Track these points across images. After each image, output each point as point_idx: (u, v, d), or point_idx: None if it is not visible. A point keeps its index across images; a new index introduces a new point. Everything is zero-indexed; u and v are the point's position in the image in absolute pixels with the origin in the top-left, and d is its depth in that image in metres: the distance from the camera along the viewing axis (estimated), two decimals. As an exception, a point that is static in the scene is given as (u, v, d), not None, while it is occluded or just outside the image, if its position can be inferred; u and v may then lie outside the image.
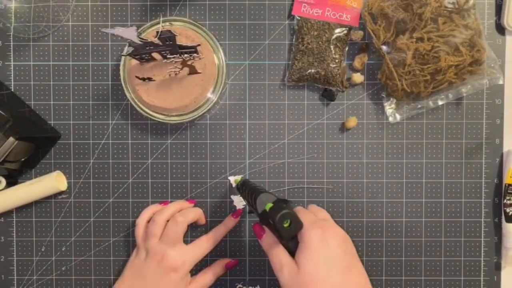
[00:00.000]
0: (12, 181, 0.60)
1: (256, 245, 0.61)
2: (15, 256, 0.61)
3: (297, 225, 0.44)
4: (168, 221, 0.55)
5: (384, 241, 0.61)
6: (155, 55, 0.54)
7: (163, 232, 0.55)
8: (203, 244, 0.56)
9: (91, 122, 0.61)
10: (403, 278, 0.61)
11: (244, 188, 0.53)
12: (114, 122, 0.61)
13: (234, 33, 0.60)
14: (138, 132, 0.61)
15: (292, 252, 0.45)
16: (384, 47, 0.57)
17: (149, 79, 0.54)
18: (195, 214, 0.57)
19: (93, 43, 0.60)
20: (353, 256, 0.46)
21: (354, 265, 0.45)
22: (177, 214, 0.55)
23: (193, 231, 0.61)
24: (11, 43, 0.60)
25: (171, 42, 0.50)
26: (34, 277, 0.61)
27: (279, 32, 0.60)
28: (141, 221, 0.57)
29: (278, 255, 0.45)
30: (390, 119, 0.60)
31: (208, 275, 0.57)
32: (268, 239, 0.47)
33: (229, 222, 0.58)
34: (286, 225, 0.43)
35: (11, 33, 0.60)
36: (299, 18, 0.59)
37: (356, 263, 0.46)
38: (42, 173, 0.61)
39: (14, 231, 0.61)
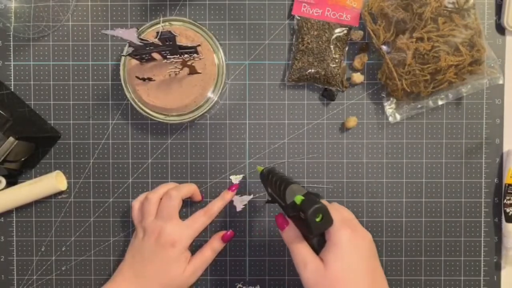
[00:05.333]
0: (12, 181, 0.60)
1: (257, 245, 0.61)
2: (15, 256, 0.61)
3: (328, 221, 0.43)
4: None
5: (384, 241, 0.61)
6: (155, 55, 0.54)
7: (158, 209, 0.54)
8: (200, 218, 0.55)
9: (91, 122, 0.61)
10: (403, 278, 0.61)
11: (271, 177, 0.51)
12: (114, 122, 0.61)
13: (234, 33, 0.60)
14: (138, 132, 0.61)
15: (315, 249, 0.45)
16: (384, 47, 0.57)
17: (149, 79, 0.54)
18: (189, 189, 0.56)
19: (93, 43, 0.60)
20: (377, 258, 0.46)
21: (378, 268, 0.46)
22: (171, 189, 0.55)
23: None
24: (11, 43, 0.60)
25: (171, 42, 0.50)
26: (34, 277, 0.61)
27: (279, 32, 0.60)
28: (136, 202, 0.56)
29: (302, 251, 0.44)
30: (390, 119, 0.60)
31: (207, 251, 0.56)
32: (290, 232, 0.46)
33: (226, 195, 0.58)
34: (318, 219, 0.42)
35: (11, 33, 0.60)
36: (299, 18, 0.59)
37: (379, 265, 0.46)
38: (42, 173, 0.61)
39: (14, 231, 0.61)
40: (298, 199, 0.44)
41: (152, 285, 0.52)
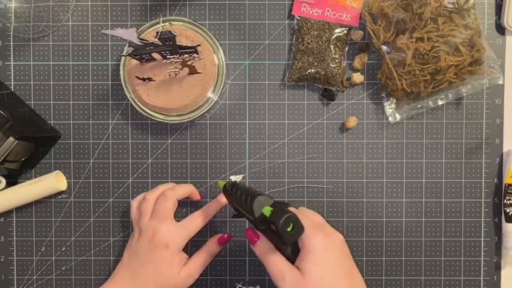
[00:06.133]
0: (12, 181, 0.60)
1: (256, 245, 0.61)
2: (15, 256, 0.61)
3: (299, 229, 0.42)
4: None
5: (384, 241, 0.61)
6: (155, 55, 0.54)
7: (153, 209, 0.54)
8: (195, 220, 0.54)
9: (91, 122, 0.61)
10: (403, 278, 0.61)
11: (235, 191, 0.49)
12: (114, 122, 0.61)
13: (234, 33, 0.60)
14: (138, 132, 0.61)
15: (289, 259, 0.44)
16: (384, 47, 0.57)
17: (149, 79, 0.54)
18: (185, 189, 0.56)
19: (93, 43, 0.60)
20: (351, 259, 0.46)
21: (354, 267, 0.46)
22: (167, 190, 0.55)
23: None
24: (11, 43, 0.60)
25: (171, 42, 0.50)
26: (34, 277, 0.61)
27: (279, 32, 0.60)
28: (134, 202, 0.56)
29: (277, 263, 0.44)
30: (390, 119, 0.60)
31: (202, 254, 0.55)
32: (263, 245, 0.46)
33: (222, 199, 0.57)
34: (289, 229, 0.41)
35: (11, 33, 0.60)
36: (299, 18, 0.59)
37: (354, 265, 0.46)
38: (42, 173, 0.61)
39: (14, 231, 0.61)
40: (267, 211, 0.42)
41: (148, 286, 0.52)
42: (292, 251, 0.44)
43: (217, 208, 0.57)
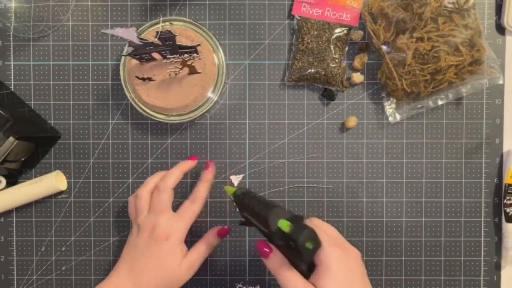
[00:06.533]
0: (12, 180, 0.60)
1: (256, 245, 0.61)
2: (15, 255, 0.61)
3: (317, 245, 0.41)
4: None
5: (384, 241, 0.61)
6: (155, 55, 0.54)
7: (150, 204, 0.54)
8: (189, 208, 0.54)
9: (91, 122, 0.61)
10: (403, 278, 0.61)
11: (247, 201, 0.47)
12: (114, 122, 0.61)
13: (234, 32, 0.60)
14: (138, 132, 0.61)
15: (303, 273, 0.43)
16: (384, 47, 0.57)
17: (149, 79, 0.54)
18: (176, 175, 0.54)
19: (93, 43, 0.60)
20: (366, 276, 0.45)
21: (368, 285, 0.45)
22: (159, 183, 0.54)
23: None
24: (11, 43, 0.60)
25: (171, 42, 0.50)
26: (34, 277, 0.61)
27: (279, 31, 0.60)
28: (132, 198, 0.55)
29: (293, 279, 0.42)
30: (390, 119, 0.60)
31: (202, 246, 0.54)
32: (276, 260, 0.44)
33: (206, 175, 0.56)
34: (308, 246, 0.40)
35: (11, 33, 0.60)
36: (299, 18, 0.59)
37: (368, 283, 0.45)
38: (42, 173, 0.61)
39: (14, 231, 0.61)
40: (285, 226, 0.41)
41: (148, 279, 0.51)
42: (307, 266, 0.42)
43: (207, 188, 0.55)
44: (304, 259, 0.41)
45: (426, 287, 0.61)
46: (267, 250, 0.45)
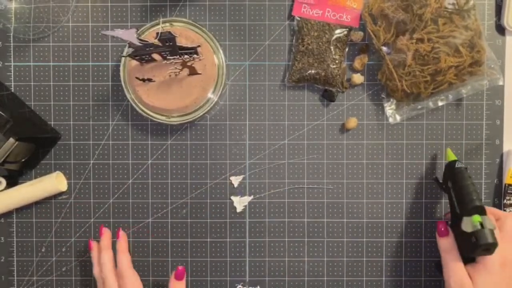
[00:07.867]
0: (12, 181, 0.60)
1: (257, 245, 0.61)
2: (15, 256, 0.61)
3: (491, 252, 0.47)
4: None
5: (384, 242, 0.61)
6: (155, 56, 0.54)
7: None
8: (122, 284, 0.55)
9: (91, 122, 0.61)
10: (403, 279, 0.61)
11: (460, 177, 0.52)
12: (114, 122, 0.61)
13: (234, 33, 0.60)
14: (138, 132, 0.61)
15: (463, 257, 0.49)
16: (384, 48, 0.57)
17: (149, 80, 0.54)
18: (109, 255, 0.56)
19: (93, 44, 0.60)
20: None
21: None
22: (120, 262, 0.55)
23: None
24: (11, 44, 0.60)
25: (171, 43, 0.50)
26: (34, 278, 0.61)
27: (279, 32, 0.60)
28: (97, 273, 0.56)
29: (460, 272, 0.48)
30: (390, 119, 0.60)
31: None
32: (448, 243, 0.50)
33: (120, 245, 0.57)
34: (485, 253, 0.46)
35: (11, 34, 0.60)
36: (299, 19, 0.59)
37: None
38: (42, 174, 0.61)
39: (14, 232, 0.61)
40: (476, 220, 0.47)
41: None
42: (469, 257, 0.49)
43: (128, 258, 0.56)
44: (474, 256, 0.46)
45: (426, 287, 0.61)
46: (444, 230, 0.51)
